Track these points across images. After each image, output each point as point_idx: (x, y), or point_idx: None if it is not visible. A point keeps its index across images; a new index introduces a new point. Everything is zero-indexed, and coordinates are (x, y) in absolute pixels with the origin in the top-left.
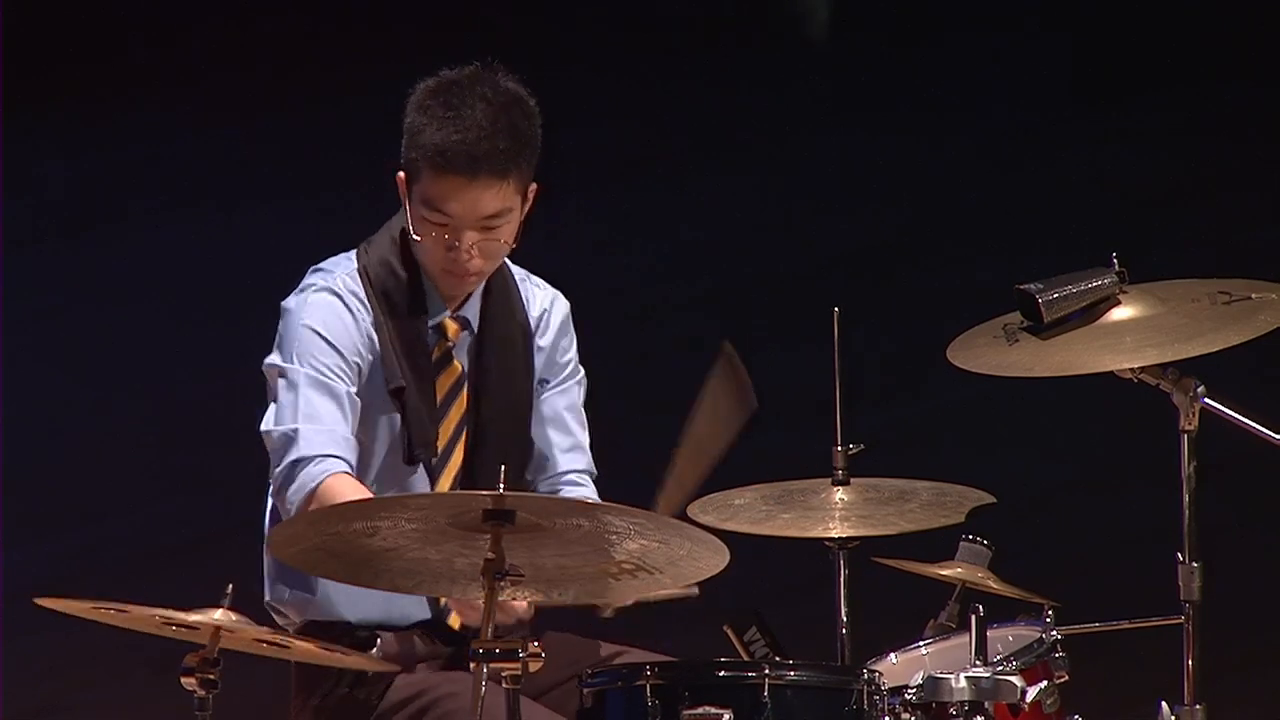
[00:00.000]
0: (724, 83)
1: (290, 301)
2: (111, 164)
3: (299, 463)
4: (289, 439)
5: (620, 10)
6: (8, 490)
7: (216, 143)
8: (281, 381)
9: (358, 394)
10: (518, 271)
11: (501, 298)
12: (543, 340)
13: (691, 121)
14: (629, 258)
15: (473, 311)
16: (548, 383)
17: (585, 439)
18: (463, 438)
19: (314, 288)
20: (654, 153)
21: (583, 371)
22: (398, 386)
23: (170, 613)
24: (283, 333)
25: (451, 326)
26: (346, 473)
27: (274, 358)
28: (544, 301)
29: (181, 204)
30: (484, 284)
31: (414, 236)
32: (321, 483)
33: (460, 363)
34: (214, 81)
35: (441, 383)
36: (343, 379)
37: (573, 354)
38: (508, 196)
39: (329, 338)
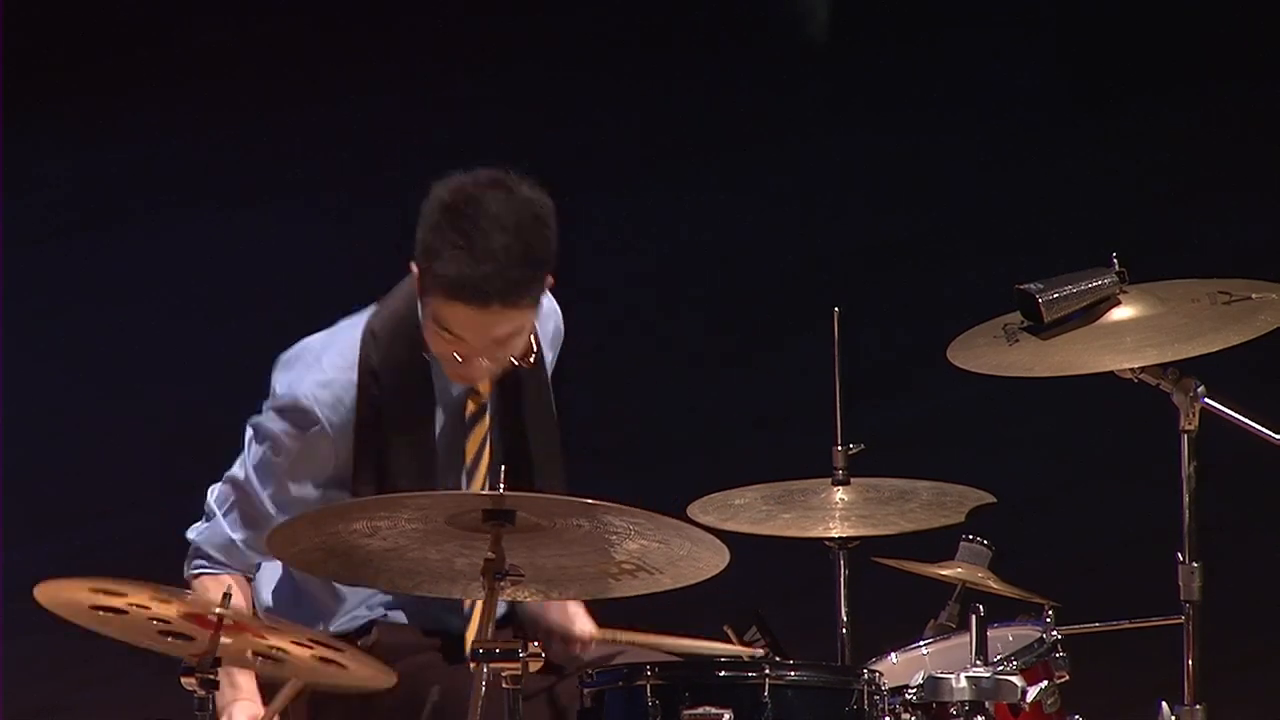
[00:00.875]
0: (724, 83)
1: (277, 411)
2: (111, 164)
3: (197, 552)
4: (210, 515)
5: (620, 10)
6: (8, 490)
7: (216, 143)
8: (236, 477)
9: (327, 495)
10: None
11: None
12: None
13: (691, 121)
14: (629, 258)
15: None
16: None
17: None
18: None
19: (297, 421)
20: (654, 153)
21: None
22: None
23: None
24: (260, 428)
25: (483, 384)
26: (226, 576)
27: (248, 443)
28: (551, 324)
29: (181, 204)
30: None
31: (430, 341)
32: (199, 575)
33: (492, 414)
34: (214, 81)
35: (472, 442)
36: (283, 512)
37: (553, 356)
38: (522, 316)
39: (298, 473)
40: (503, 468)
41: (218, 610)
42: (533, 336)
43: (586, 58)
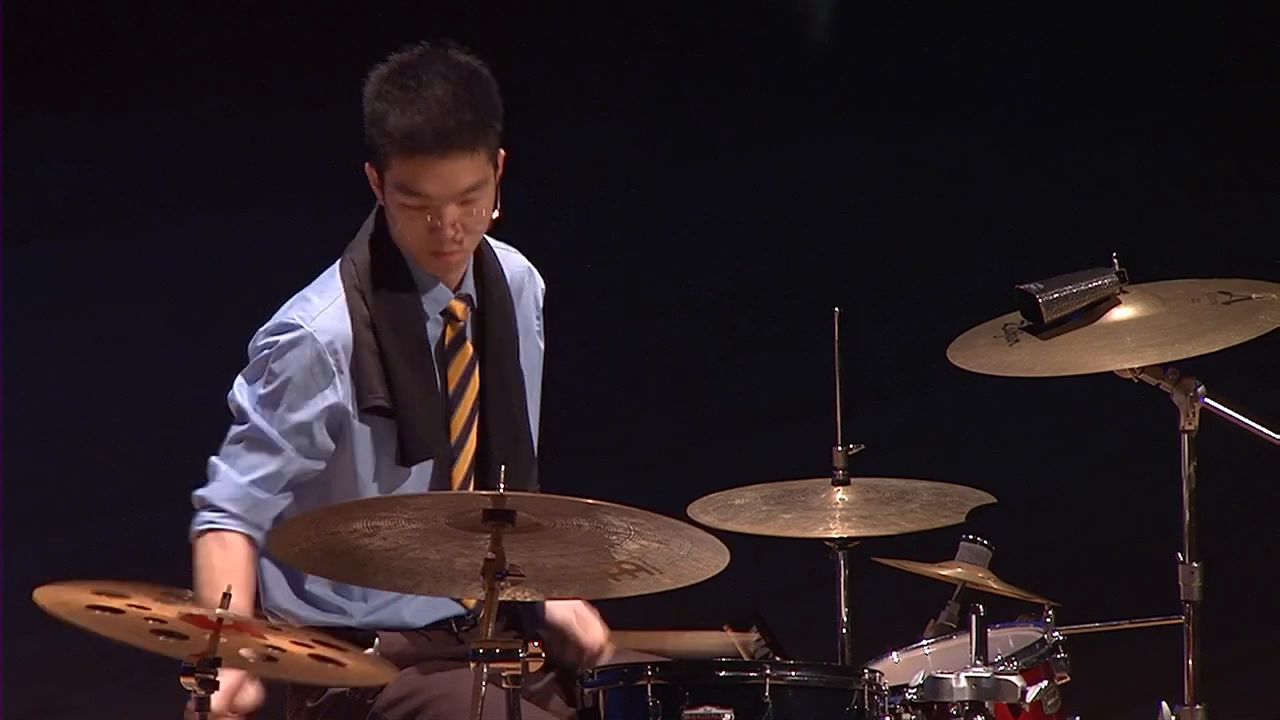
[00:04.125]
0: (724, 82)
1: (267, 339)
2: (111, 164)
3: (206, 505)
4: (214, 471)
5: (620, 10)
6: (8, 490)
7: (216, 143)
8: (238, 429)
9: (328, 438)
10: (492, 242)
11: (491, 268)
12: (519, 305)
13: (691, 121)
14: (629, 257)
15: (470, 287)
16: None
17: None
18: (476, 420)
19: (287, 338)
20: (653, 153)
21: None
22: (372, 406)
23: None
24: (250, 373)
25: (459, 307)
26: (233, 532)
27: (239, 395)
28: (517, 268)
29: (181, 203)
30: (473, 258)
31: (395, 224)
32: (205, 532)
33: (471, 344)
34: (214, 82)
35: (454, 370)
36: (289, 441)
37: (540, 325)
38: (480, 168)
39: (295, 399)
40: (503, 467)
41: (218, 612)
42: (496, 199)
43: (587, 58)
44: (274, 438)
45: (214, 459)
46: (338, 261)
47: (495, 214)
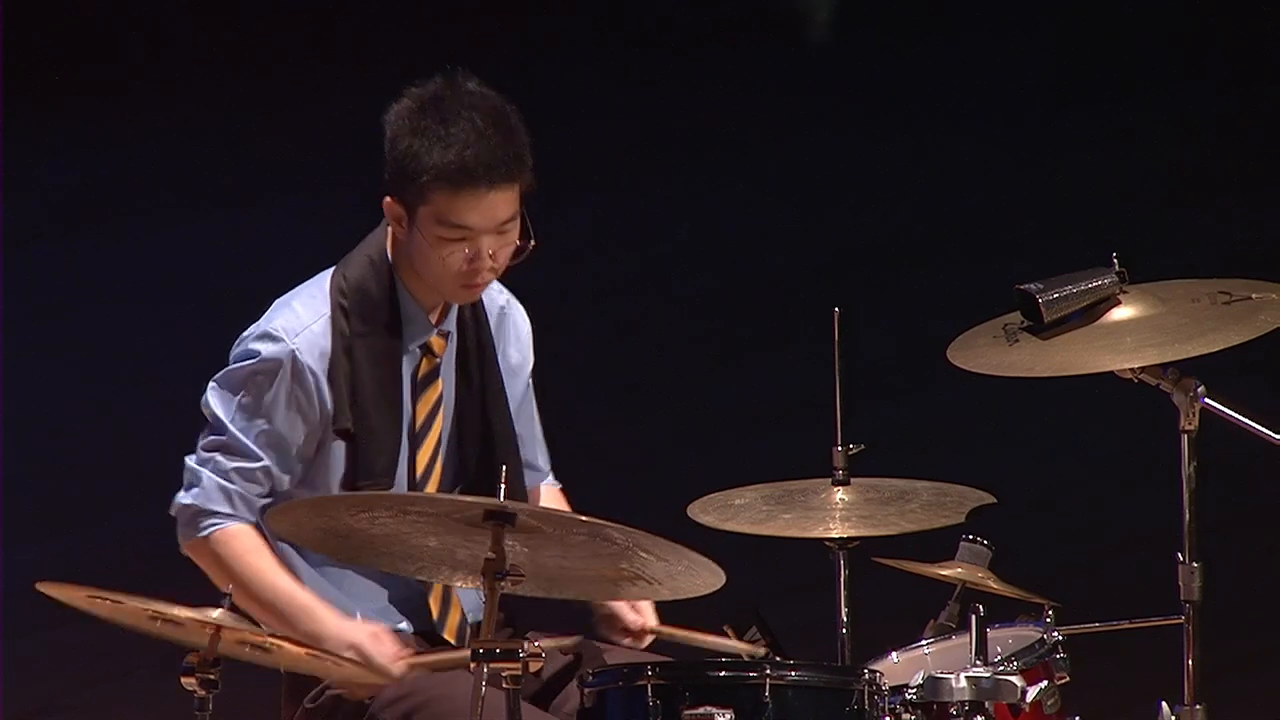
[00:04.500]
0: (723, 82)
1: (250, 347)
2: (111, 164)
3: (199, 513)
4: (195, 477)
5: (619, 10)
6: (8, 490)
7: (217, 143)
8: (214, 438)
9: (303, 449)
10: None
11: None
12: (499, 337)
13: (690, 121)
14: (629, 257)
15: (451, 323)
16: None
17: (539, 430)
18: (442, 453)
19: (270, 350)
20: (653, 153)
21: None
22: (342, 429)
23: (163, 607)
24: (228, 381)
25: (438, 343)
26: (238, 522)
27: (216, 403)
28: (495, 299)
29: (181, 203)
30: None
31: (426, 257)
32: (208, 536)
33: (443, 379)
34: (214, 82)
35: (424, 403)
36: (266, 452)
37: (527, 350)
38: (516, 199)
39: (273, 411)
40: (503, 468)
41: (213, 617)
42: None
43: (586, 57)
44: (251, 448)
45: (192, 464)
46: (328, 272)
47: (532, 242)
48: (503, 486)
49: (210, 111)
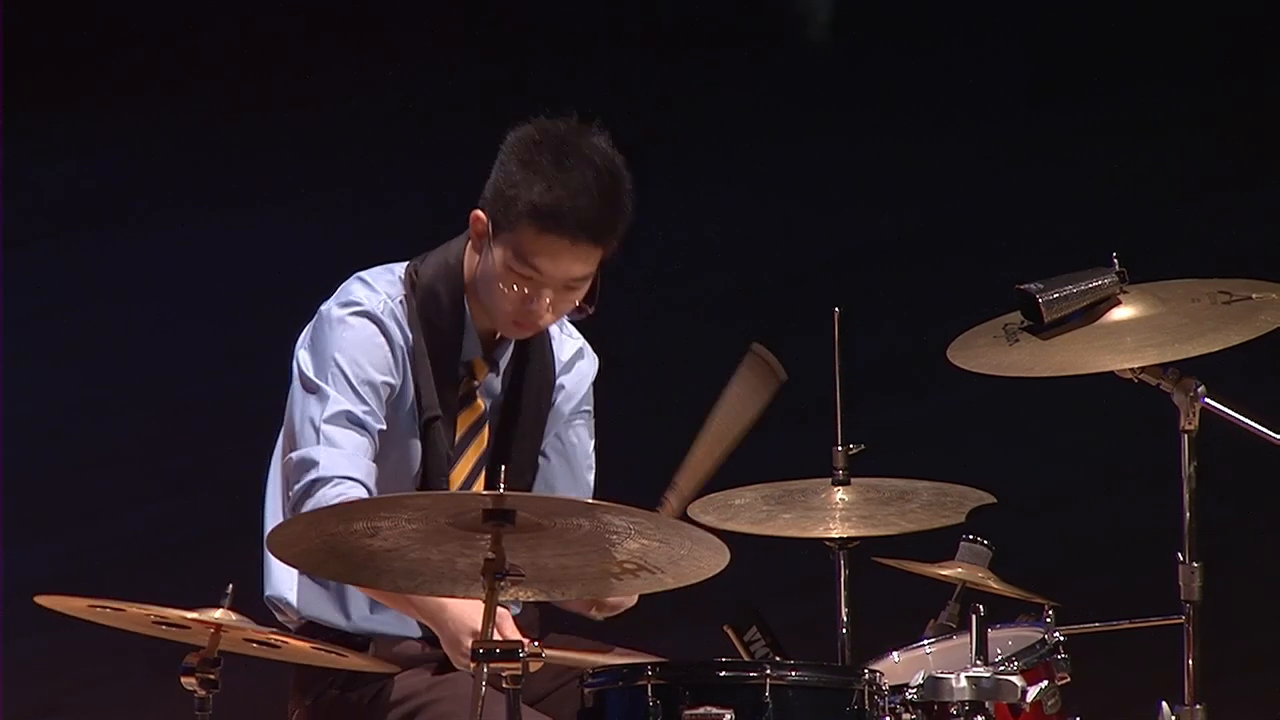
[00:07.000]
0: (724, 82)
1: (332, 311)
2: (111, 164)
3: (317, 482)
4: (307, 463)
5: (619, 9)
6: (8, 490)
7: (217, 143)
8: (311, 399)
9: (384, 428)
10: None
11: (537, 347)
12: (563, 382)
13: (691, 121)
14: (627, 259)
15: (504, 355)
16: (561, 418)
17: (590, 478)
18: (480, 476)
19: (357, 308)
20: (653, 153)
21: (593, 420)
22: (431, 417)
23: (165, 611)
24: (318, 343)
25: (481, 367)
26: (364, 498)
27: (308, 366)
28: (571, 350)
29: (181, 204)
30: None
31: (490, 281)
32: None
33: (483, 402)
34: (214, 82)
35: (463, 419)
36: (373, 417)
37: (587, 403)
38: (595, 261)
39: (366, 370)
40: (503, 467)
41: (215, 618)
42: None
43: (586, 57)
44: (358, 413)
45: (300, 448)
46: (398, 264)
47: (592, 308)
48: (502, 485)
49: (211, 112)
